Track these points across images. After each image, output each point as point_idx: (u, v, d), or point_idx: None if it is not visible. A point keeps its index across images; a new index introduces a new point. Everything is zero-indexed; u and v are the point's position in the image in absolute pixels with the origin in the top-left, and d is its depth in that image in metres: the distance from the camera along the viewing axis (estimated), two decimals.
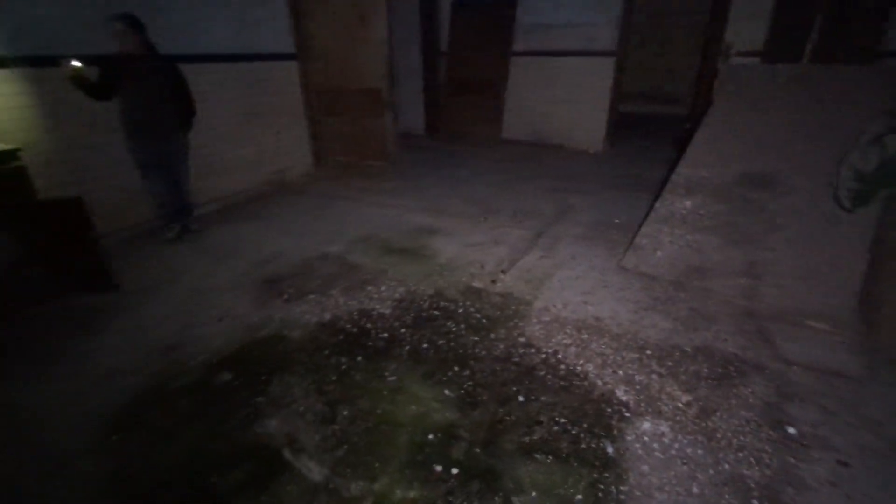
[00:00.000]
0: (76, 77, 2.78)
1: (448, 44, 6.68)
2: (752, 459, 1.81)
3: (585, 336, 2.51)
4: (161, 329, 2.54)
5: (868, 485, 1.71)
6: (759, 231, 3.09)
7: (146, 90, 3.10)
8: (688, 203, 3.32)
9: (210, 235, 3.74)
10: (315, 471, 1.73)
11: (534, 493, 1.66)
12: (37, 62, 2.90)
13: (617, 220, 4.01)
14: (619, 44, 5.68)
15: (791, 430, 1.95)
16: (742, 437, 1.91)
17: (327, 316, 2.65)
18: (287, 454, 1.80)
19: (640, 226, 3.38)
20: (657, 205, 3.38)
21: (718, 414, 2.02)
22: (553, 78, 6.20)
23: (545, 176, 5.33)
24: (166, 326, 2.56)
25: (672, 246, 3.18)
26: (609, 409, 2.04)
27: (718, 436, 1.91)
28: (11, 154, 2.29)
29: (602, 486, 1.69)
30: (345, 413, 1.99)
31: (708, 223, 3.19)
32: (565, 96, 6.20)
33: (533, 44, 6.16)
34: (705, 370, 2.28)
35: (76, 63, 2.75)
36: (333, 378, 2.19)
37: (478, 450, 1.83)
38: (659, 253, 3.18)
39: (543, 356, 2.36)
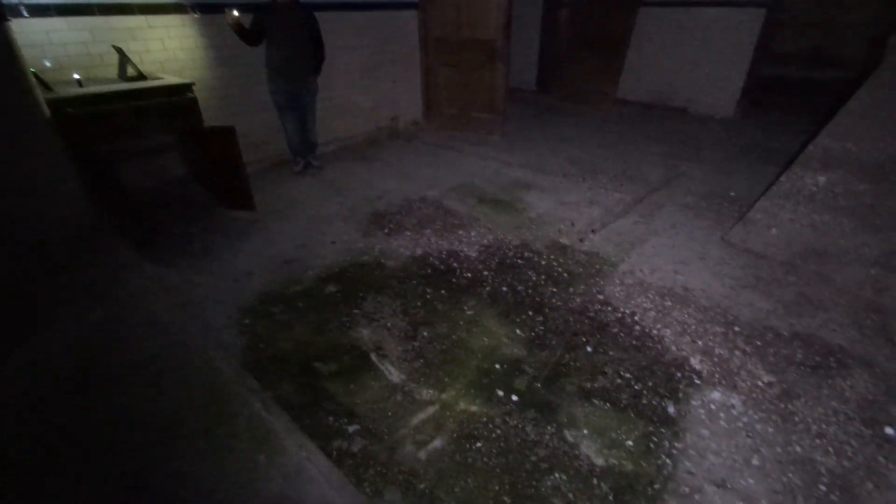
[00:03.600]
0: (235, 24, 3.24)
1: None
2: (830, 449, 1.72)
3: (668, 303, 2.46)
4: (284, 245, 3.01)
5: None
6: None
7: (289, 37, 3.50)
8: (822, 179, 2.94)
9: (329, 172, 4.20)
10: (394, 374, 2.02)
11: (586, 431, 1.78)
12: (206, 9, 3.42)
13: (732, 193, 3.68)
14: None
15: (889, 432, 1.79)
16: (825, 426, 1.80)
17: (419, 251, 2.92)
18: (373, 357, 2.11)
19: (756, 199, 3.09)
20: (783, 178, 3.04)
21: (803, 400, 1.92)
22: (684, 32, 5.59)
23: (659, 140, 4.98)
24: (288, 243, 3.03)
25: (791, 224, 2.88)
26: (679, 374, 2.04)
27: (797, 419, 1.83)
28: (188, 87, 2.82)
29: (655, 439, 1.75)
30: (424, 334, 2.25)
31: (843, 203, 2.81)
32: (695, 54, 5.58)
33: None
34: (799, 356, 2.14)
35: (236, 12, 3.19)
36: (418, 304, 2.46)
37: (539, 385, 1.98)
38: (774, 230, 2.91)
39: (619, 315, 2.38)
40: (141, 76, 2.91)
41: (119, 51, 2.92)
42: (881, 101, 3.06)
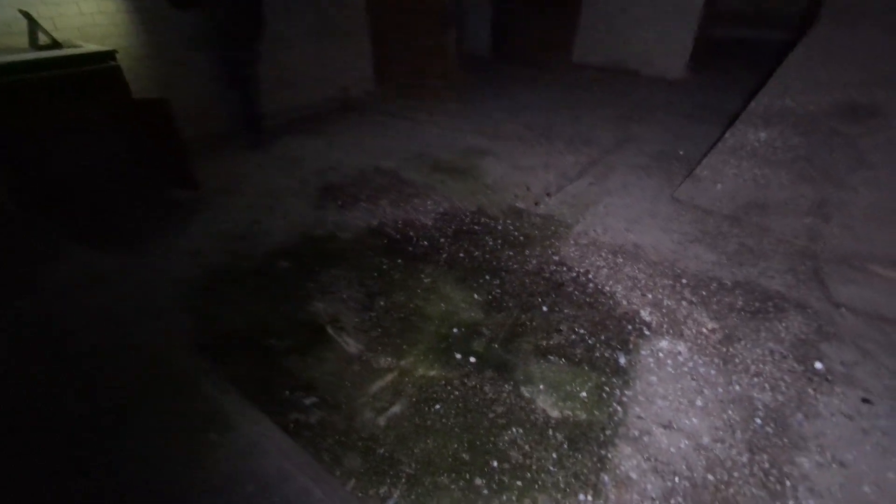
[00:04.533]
0: None
1: None
2: (766, 385, 1.83)
3: (620, 260, 2.53)
4: (233, 222, 2.88)
5: (889, 423, 1.69)
6: (841, 168, 2.81)
7: (223, 1, 3.25)
8: (763, 134, 3.05)
9: (278, 145, 4.02)
10: (352, 345, 2.00)
11: (542, 386, 1.82)
12: None
13: (681, 152, 3.78)
14: None
15: (818, 366, 1.92)
16: (762, 366, 1.92)
17: (375, 222, 2.86)
18: (330, 330, 2.08)
19: (703, 157, 3.18)
20: (727, 135, 3.15)
21: (743, 343, 2.03)
22: None
23: (612, 103, 5.02)
24: (237, 220, 2.90)
25: (735, 179, 2.99)
26: (629, 327, 2.11)
27: (737, 361, 1.94)
28: (108, 55, 2.58)
29: (607, 389, 1.82)
30: (381, 304, 2.23)
31: (781, 157, 2.94)
32: (646, 17, 5.60)
33: None
34: (740, 303, 2.25)
35: None
36: (375, 275, 2.42)
37: (496, 346, 2.01)
38: (719, 186, 3.01)
39: (574, 275, 2.43)
40: (55, 44, 2.65)
41: (27, 16, 2.64)
42: (814, 58, 3.18)
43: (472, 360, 1.93)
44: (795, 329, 2.10)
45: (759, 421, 1.70)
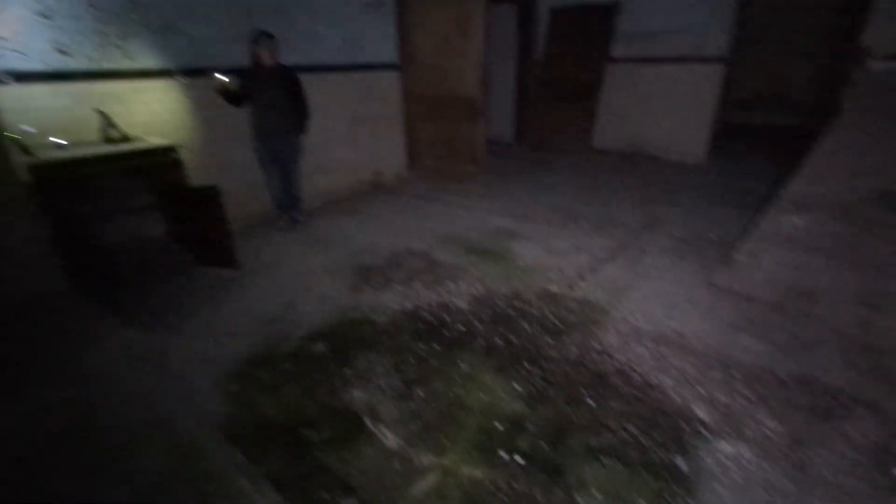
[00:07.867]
0: (221, 88, 3.30)
1: (543, 51, 6.71)
2: (845, 498, 1.66)
3: (665, 350, 2.44)
4: (270, 303, 2.91)
5: None
6: (886, 257, 2.75)
7: (272, 97, 3.57)
8: (797, 220, 3.05)
9: (314, 227, 4.17)
10: (391, 438, 1.91)
11: (595, 492, 1.68)
12: (190, 73, 3.48)
13: (711, 236, 3.77)
14: (729, 49, 5.31)
15: None
16: (841, 476, 1.75)
17: (409, 305, 2.86)
18: (368, 421, 2.00)
19: (737, 242, 3.17)
20: (762, 221, 3.15)
21: (814, 448, 1.87)
22: (651, 85, 5.94)
23: (636, 187, 5.14)
24: (274, 302, 2.93)
25: (774, 265, 2.94)
26: (684, 425, 1.98)
27: (810, 468, 1.77)
28: (171, 148, 2.81)
29: (669, 498, 1.66)
30: (420, 393, 2.16)
31: (821, 244, 2.90)
32: (664, 105, 5.91)
33: (633, 50, 5.97)
34: (803, 401, 2.11)
35: (221, 76, 3.26)
36: (412, 361, 2.37)
37: (543, 444, 1.89)
38: (758, 272, 2.96)
39: (617, 364, 2.34)
40: (124, 138, 2.90)
41: (102, 114, 2.92)
42: (845, 147, 3.25)
43: (518, 459, 1.81)
44: (871, 433, 1.94)
45: None
